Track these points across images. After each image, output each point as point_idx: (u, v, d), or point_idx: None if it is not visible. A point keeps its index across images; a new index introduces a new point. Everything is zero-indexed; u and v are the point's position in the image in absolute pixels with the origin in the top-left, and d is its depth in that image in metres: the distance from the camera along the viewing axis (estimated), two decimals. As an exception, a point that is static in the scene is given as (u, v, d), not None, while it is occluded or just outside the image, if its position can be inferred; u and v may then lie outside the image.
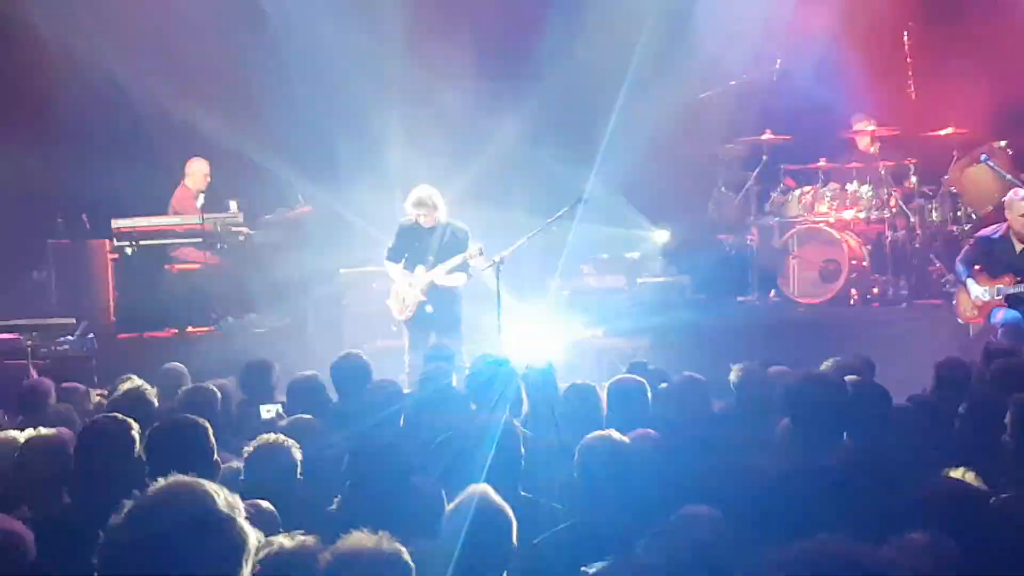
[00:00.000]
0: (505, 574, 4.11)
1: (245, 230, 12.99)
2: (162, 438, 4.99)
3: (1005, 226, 10.52)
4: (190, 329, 12.59)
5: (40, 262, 12.95)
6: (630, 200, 13.52)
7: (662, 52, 13.23)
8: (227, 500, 2.92)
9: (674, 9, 13.28)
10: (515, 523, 4.17)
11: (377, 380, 7.70)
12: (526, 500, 5.17)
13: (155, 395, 6.99)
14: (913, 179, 12.35)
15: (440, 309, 10.41)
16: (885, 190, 12.23)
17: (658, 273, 13.40)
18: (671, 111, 13.30)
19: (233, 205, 12.93)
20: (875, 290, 12.30)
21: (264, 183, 13.72)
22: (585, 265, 12.66)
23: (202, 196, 13.13)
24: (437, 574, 3.94)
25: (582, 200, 10.37)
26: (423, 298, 10.39)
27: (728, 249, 13.22)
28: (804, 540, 2.77)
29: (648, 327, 12.07)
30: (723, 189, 13.25)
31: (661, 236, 13.45)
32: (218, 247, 12.79)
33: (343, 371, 7.78)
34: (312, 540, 3.82)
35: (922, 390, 7.33)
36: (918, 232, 12.24)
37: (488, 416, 5.57)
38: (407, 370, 10.25)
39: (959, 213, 12.18)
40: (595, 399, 6.81)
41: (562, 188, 12.48)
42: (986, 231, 10.78)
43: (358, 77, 13.62)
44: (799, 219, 12.49)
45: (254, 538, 2.94)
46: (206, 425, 5.00)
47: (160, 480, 2.93)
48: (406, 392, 7.73)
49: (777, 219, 12.69)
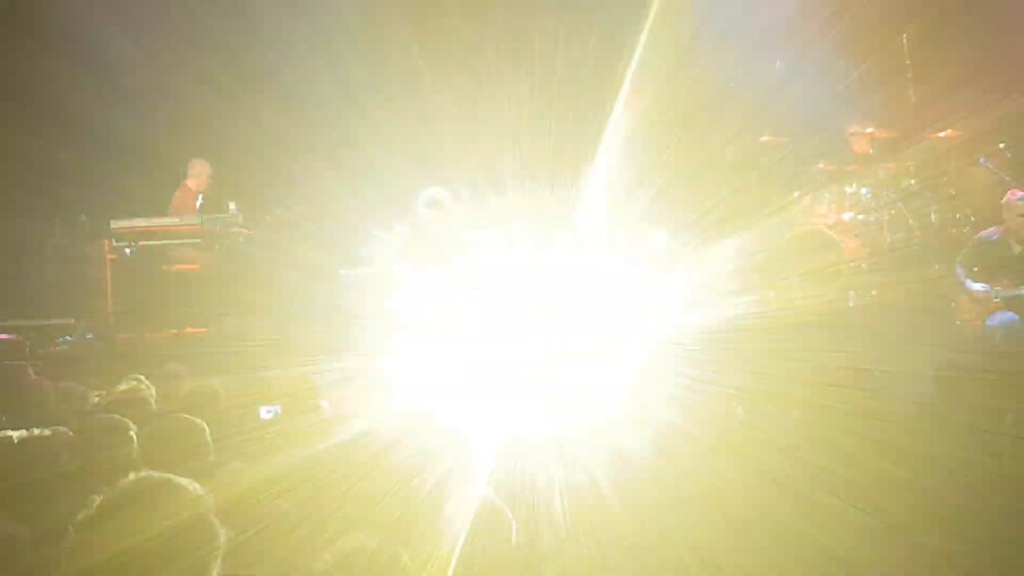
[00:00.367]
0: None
1: (244, 231, 12.99)
2: (158, 438, 4.99)
3: (1003, 227, 10.53)
4: (189, 330, 12.58)
5: (39, 262, 12.94)
6: (628, 202, 13.52)
7: (662, 52, 13.23)
8: (199, 497, 2.93)
9: (673, 10, 13.27)
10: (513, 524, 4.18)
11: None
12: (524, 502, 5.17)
13: (153, 396, 6.99)
14: (911, 181, 12.36)
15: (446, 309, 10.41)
16: (884, 192, 12.24)
17: (656, 274, 13.40)
18: (670, 113, 13.31)
19: (233, 206, 12.94)
20: (874, 292, 12.32)
21: (263, 184, 13.73)
22: (588, 267, 12.64)
23: (201, 197, 13.13)
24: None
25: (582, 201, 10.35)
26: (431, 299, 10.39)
27: (727, 251, 13.21)
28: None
29: (645, 328, 12.05)
30: (722, 191, 13.25)
31: (659, 237, 13.45)
32: (217, 248, 12.79)
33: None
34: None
35: (920, 392, 7.35)
36: (917, 234, 12.24)
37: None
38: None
39: (957, 215, 12.20)
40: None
41: (562, 189, 12.51)
42: (984, 233, 10.79)
43: (357, 76, 13.64)
44: (798, 221, 12.50)
45: (223, 535, 2.95)
46: (203, 425, 5.01)
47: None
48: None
49: (776, 221, 12.70)
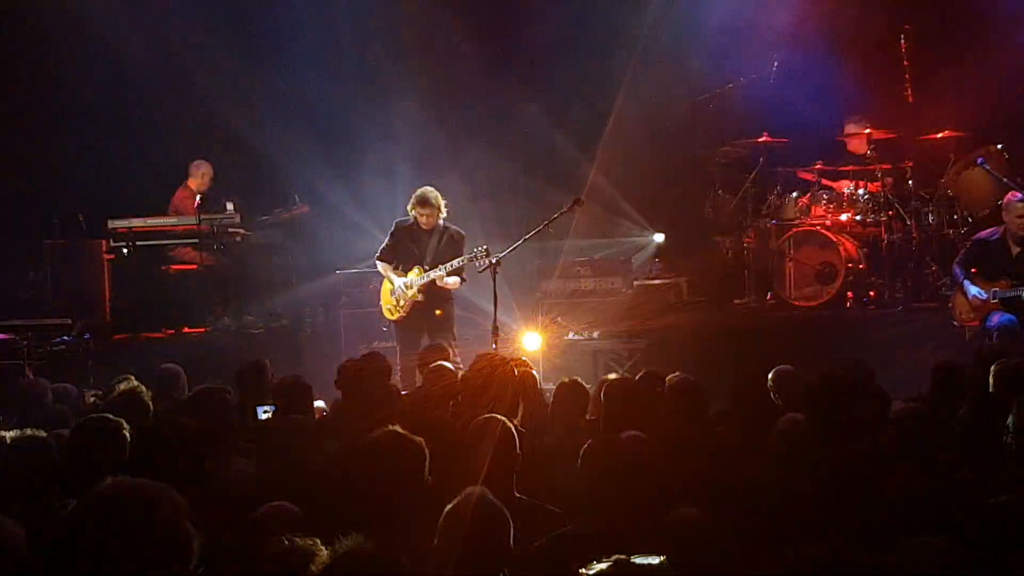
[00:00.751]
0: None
1: (242, 231, 12.98)
2: (151, 439, 4.98)
3: (1002, 229, 10.52)
4: (186, 330, 12.58)
5: (36, 262, 12.93)
6: (627, 202, 13.53)
7: (660, 54, 13.24)
8: (175, 502, 2.93)
9: (671, 10, 13.28)
10: (512, 525, 4.16)
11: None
12: (523, 502, 5.16)
13: (149, 396, 6.98)
14: (909, 182, 12.35)
15: (434, 309, 10.39)
16: (881, 193, 12.24)
17: (655, 275, 13.41)
18: (668, 113, 13.31)
19: (230, 206, 12.92)
20: (871, 293, 12.31)
21: (261, 183, 13.73)
22: (582, 267, 12.66)
23: (199, 196, 13.12)
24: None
25: (579, 202, 10.34)
26: (419, 299, 10.36)
27: (725, 251, 13.22)
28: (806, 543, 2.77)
29: (645, 329, 12.08)
30: (720, 191, 13.25)
31: (658, 238, 13.46)
32: (215, 248, 12.78)
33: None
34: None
35: (918, 393, 7.35)
36: (914, 235, 12.24)
37: (484, 416, 5.54)
38: (399, 373, 10.24)
39: (955, 216, 12.19)
40: (584, 398, 6.83)
41: (561, 188, 12.52)
42: (983, 234, 10.78)
43: (356, 73, 13.63)
44: (796, 222, 12.50)
45: (197, 541, 2.95)
46: (194, 426, 5.00)
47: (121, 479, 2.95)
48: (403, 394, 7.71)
49: (774, 221, 12.70)
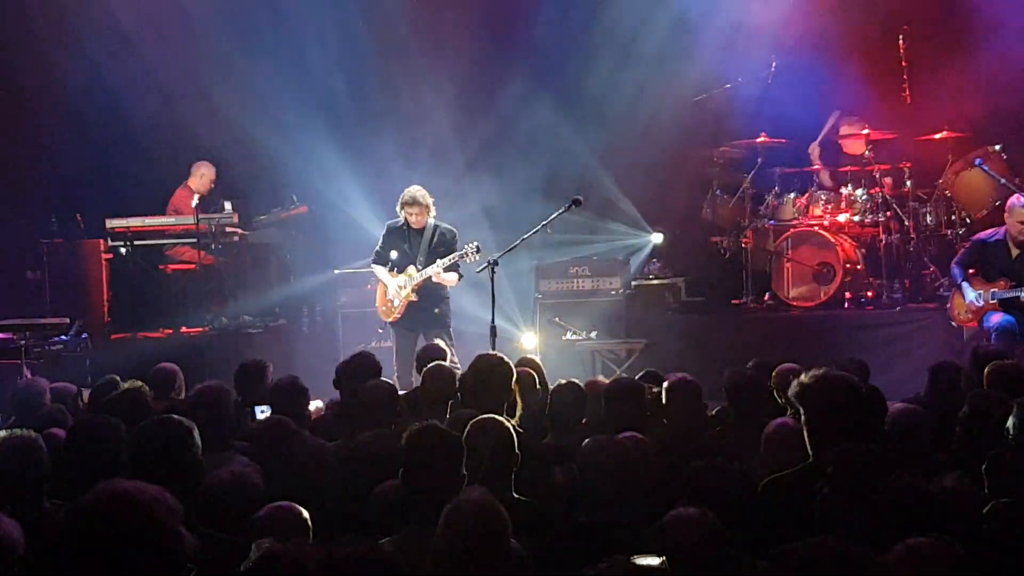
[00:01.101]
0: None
1: (240, 230, 12.98)
2: (146, 438, 4.97)
3: (1003, 230, 10.52)
4: (184, 329, 12.57)
5: (34, 261, 12.93)
6: (625, 202, 13.52)
7: (658, 54, 13.24)
8: (168, 505, 2.91)
9: (670, 11, 13.28)
10: (510, 525, 4.16)
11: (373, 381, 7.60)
12: (522, 502, 5.16)
13: (147, 395, 6.97)
14: (907, 183, 12.35)
15: (430, 309, 10.39)
16: (880, 193, 12.24)
17: (653, 275, 13.41)
18: (666, 113, 13.31)
19: (228, 205, 12.92)
20: (869, 293, 12.31)
21: (259, 183, 13.72)
22: (580, 267, 12.65)
23: (197, 196, 13.11)
24: None
25: (578, 202, 10.33)
26: (414, 299, 10.35)
27: (723, 252, 13.22)
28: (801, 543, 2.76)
29: (642, 329, 12.08)
30: (718, 192, 13.24)
31: (656, 238, 13.46)
32: (212, 247, 12.78)
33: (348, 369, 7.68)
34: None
35: (916, 393, 7.35)
36: (912, 236, 12.23)
37: (484, 416, 5.54)
38: (396, 373, 10.24)
39: (953, 217, 12.19)
40: (582, 398, 6.82)
41: (559, 188, 12.52)
42: (983, 234, 10.77)
43: (354, 74, 13.63)
44: (794, 222, 12.50)
45: (190, 544, 2.94)
46: (191, 425, 4.98)
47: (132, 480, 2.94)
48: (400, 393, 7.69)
49: (772, 222, 12.69)
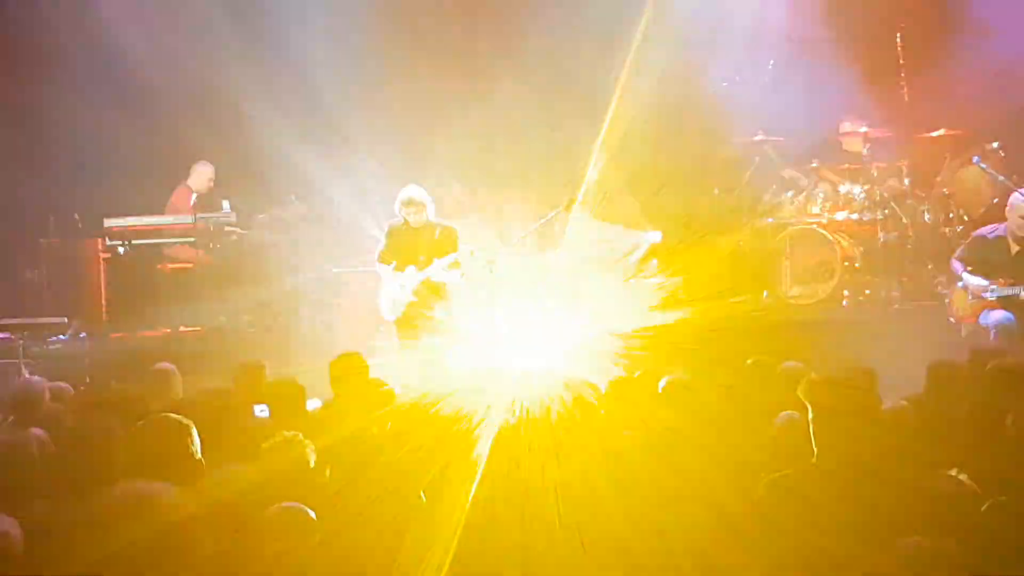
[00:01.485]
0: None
1: (238, 230, 12.98)
2: (143, 437, 4.98)
3: (1003, 226, 10.53)
4: (182, 328, 12.57)
5: (32, 261, 12.92)
6: (624, 200, 13.52)
7: (657, 52, 13.23)
8: (182, 506, 2.92)
9: (669, 9, 13.27)
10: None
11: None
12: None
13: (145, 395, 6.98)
14: (905, 181, 12.36)
15: (430, 309, 10.41)
16: (878, 191, 12.24)
17: (651, 274, 13.40)
18: (666, 112, 13.31)
19: (226, 204, 12.92)
20: (867, 291, 12.31)
21: (258, 182, 13.72)
22: (580, 265, 12.64)
23: (195, 196, 13.12)
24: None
25: (575, 201, 10.34)
26: (414, 299, 10.38)
27: (721, 250, 13.21)
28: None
29: (641, 328, 12.07)
30: (716, 190, 13.25)
31: (654, 236, 13.45)
32: (211, 247, 12.78)
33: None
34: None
35: (914, 391, 7.35)
36: (910, 233, 12.24)
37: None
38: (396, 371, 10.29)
39: (951, 215, 12.20)
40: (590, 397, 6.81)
41: (558, 186, 12.52)
42: (984, 230, 10.77)
43: (353, 74, 13.62)
44: (792, 220, 12.50)
45: (210, 543, 2.95)
46: (189, 424, 5.00)
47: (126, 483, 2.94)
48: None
49: (770, 220, 12.70)
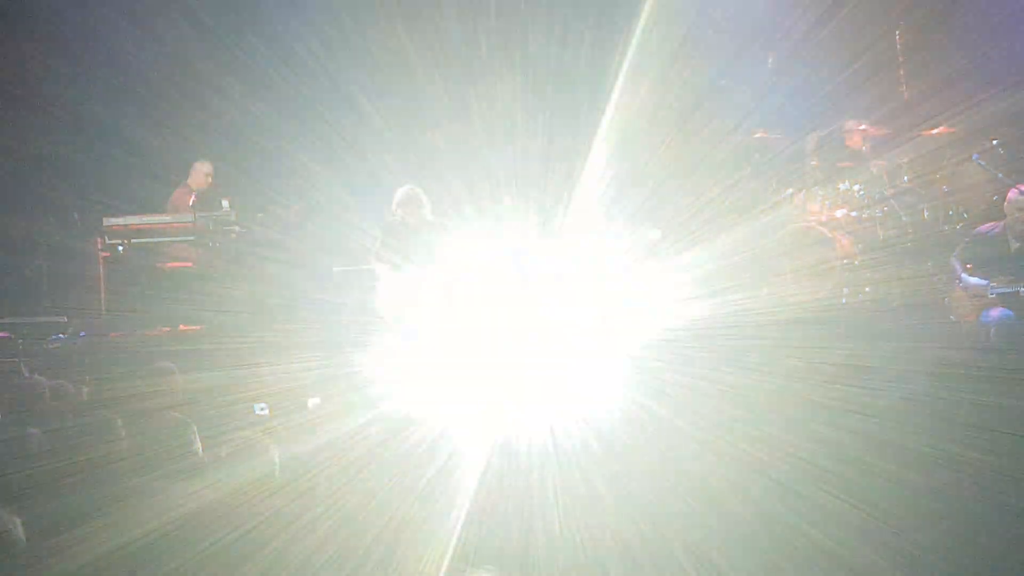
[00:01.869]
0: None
1: (238, 228, 12.98)
2: (147, 434, 4.99)
3: (1002, 223, 10.54)
4: (182, 327, 12.56)
5: (32, 260, 12.92)
6: (623, 198, 13.52)
7: (656, 50, 13.23)
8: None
9: (669, 7, 13.27)
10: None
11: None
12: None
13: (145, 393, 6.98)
14: (905, 178, 12.36)
15: (428, 307, 10.43)
16: (877, 189, 12.24)
17: (650, 272, 13.39)
18: (665, 110, 13.30)
19: (226, 203, 12.92)
20: (867, 289, 12.31)
21: (258, 181, 13.71)
22: (579, 263, 12.63)
23: (194, 194, 13.11)
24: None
25: (576, 199, 10.35)
26: (412, 298, 10.41)
27: (721, 248, 13.21)
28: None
29: (641, 326, 12.07)
30: (716, 188, 13.24)
31: (653, 234, 13.45)
32: (210, 245, 12.78)
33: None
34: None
35: (915, 389, 7.35)
36: (910, 231, 12.24)
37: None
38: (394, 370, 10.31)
39: (951, 212, 12.20)
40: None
41: (557, 184, 12.52)
42: (983, 228, 10.79)
43: (352, 73, 13.62)
44: (791, 218, 12.50)
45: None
46: (188, 421, 5.01)
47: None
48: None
49: (769, 218, 12.70)
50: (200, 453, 5.00)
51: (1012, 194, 10.57)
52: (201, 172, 13.25)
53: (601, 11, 13.54)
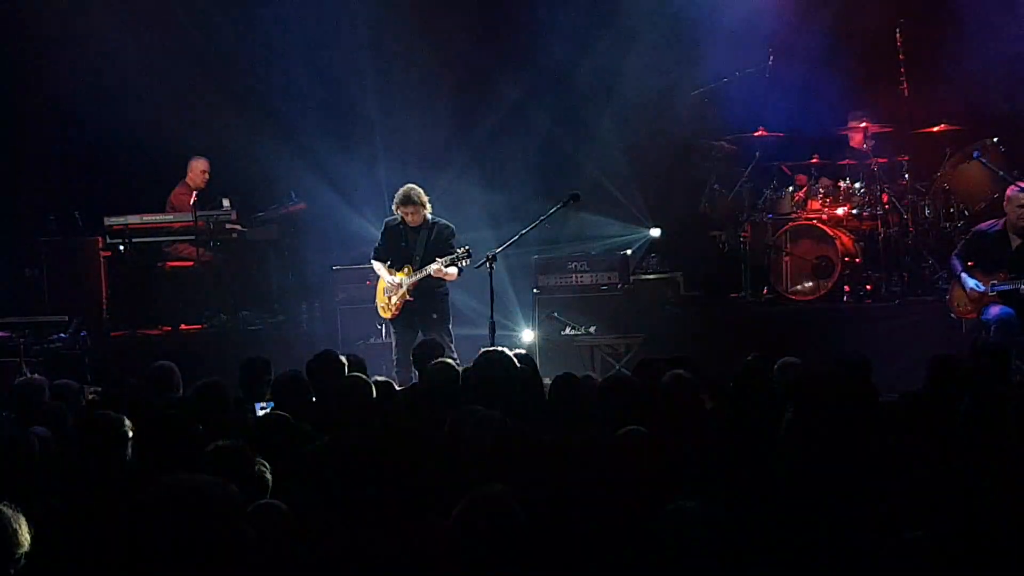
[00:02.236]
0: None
1: (238, 227, 12.98)
2: (152, 435, 4.99)
3: (1002, 221, 10.54)
4: (183, 327, 12.59)
5: (32, 259, 12.93)
6: (623, 196, 13.53)
7: (656, 49, 13.23)
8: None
9: (668, 6, 13.28)
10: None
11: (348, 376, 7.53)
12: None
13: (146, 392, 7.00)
14: (906, 176, 12.36)
15: (428, 306, 10.43)
16: (878, 187, 12.24)
17: (651, 270, 13.40)
18: (665, 108, 13.31)
19: (226, 202, 12.92)
20: (868, 287, 12.31)
21: (258, 180, 13.72)
22: (578, 262, 12.65)
23: (196, 193, 13.11)
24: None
25: (576, 197, 10.37)
26: (410, 298, 10.43)
27: (721, 246, 13.22)
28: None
29: (640, 324, 12.07)
30: (716, 186, 13.24)
31: (654, 232, 13.46)
32: (211, 244, 12.79)
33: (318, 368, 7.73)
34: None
35: (915, 386, 7.34)
36: (911, 229, 12.24)
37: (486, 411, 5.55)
38: (395, 368, 10.31)
39: (951, 210, 12.20)
40: (582, 392, 6.81)
41: (557, 183, 12.53)
42: (983, 225, 10.79)
43: (352, 72, 13.63)
44: (792, 216, 12.50)
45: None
46: (190, 420, 5.01)
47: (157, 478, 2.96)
48: (397, 389, 7.72)
49: (770, 216, 12.69)
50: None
51: (1012, 191, 10.58)
52: (198, 169, 13.24)
53: (604, 8, 13.53)
